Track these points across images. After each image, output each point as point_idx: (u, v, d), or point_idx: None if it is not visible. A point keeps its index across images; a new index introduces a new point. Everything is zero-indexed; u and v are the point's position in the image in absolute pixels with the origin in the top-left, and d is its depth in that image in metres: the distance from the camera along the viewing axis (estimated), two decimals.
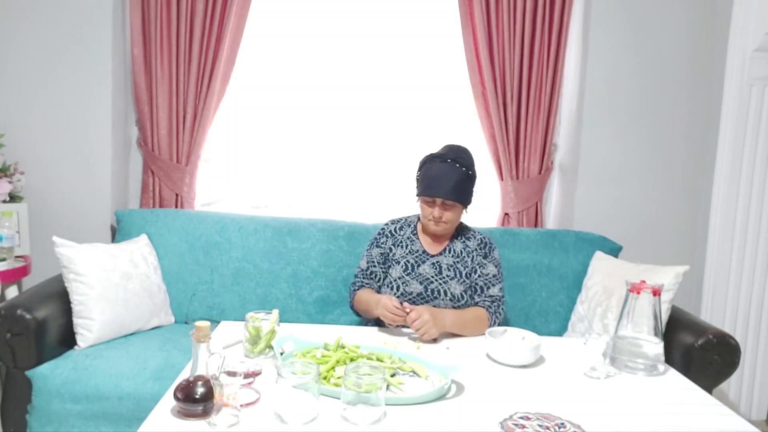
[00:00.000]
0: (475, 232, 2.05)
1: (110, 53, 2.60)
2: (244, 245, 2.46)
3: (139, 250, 2.27)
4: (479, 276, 1.96)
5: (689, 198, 2.83)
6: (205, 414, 1.20)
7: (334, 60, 2.88)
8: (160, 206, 2.75)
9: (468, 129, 2.91)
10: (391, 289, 1.95)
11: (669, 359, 1.74)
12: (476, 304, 1.94)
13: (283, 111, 2.90)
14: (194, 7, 2.60)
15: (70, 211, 2.65)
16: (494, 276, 1.97)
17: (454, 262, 1.97)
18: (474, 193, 1.97)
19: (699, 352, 1.95)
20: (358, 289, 2.01)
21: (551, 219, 2.97)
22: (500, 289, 1.96)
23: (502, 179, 2.83)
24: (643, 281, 1.67)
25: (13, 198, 2.49)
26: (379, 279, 2.02)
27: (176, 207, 2.74)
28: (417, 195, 1.97)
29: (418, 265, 1.97)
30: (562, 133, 2.92)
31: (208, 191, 2.91)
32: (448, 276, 1.95)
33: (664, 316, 2.07)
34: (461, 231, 2.04)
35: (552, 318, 2.46)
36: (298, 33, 2.84)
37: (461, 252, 1.99)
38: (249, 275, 2.43)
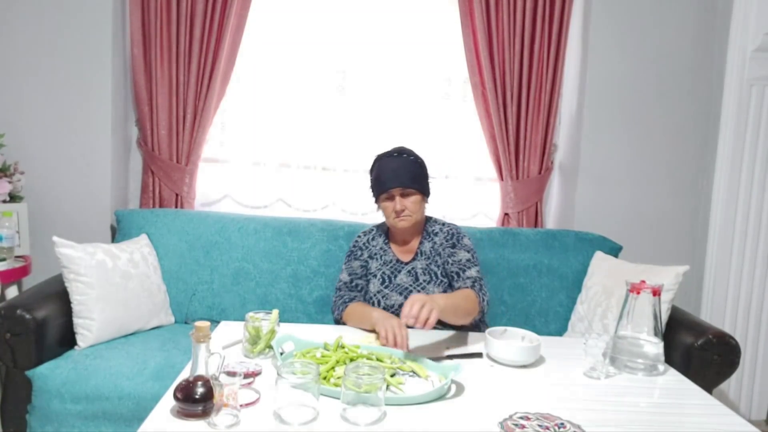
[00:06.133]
0: (442, 225, 2.01)
1: (110, 53, 2.60)
2: (244, 245, 2.46)
3: (139, 250, 2.27)
4: (452, 264, 1.91)
5: (689, 198, 2.83)
6: (204, 414, 1.20)
7: (333, 59, 2.88)
8: (160, 206, 2.75)
9: (468, 129, 2.91)
10: (372, 304, 1.94)
11: (669, 359, 1.74)
12: (458, 288, 1.88)
13: (283, 109, 2.89)
14: (194, 7, 2.60)
15: (70, 211, 2.65)
16: (468, 260, 1.91)
17: (427, 265, 1.94)
18: (430, 184, 1.96)
19: (699, 352, 1.95)
20: (349, 301, 1.97)
21: (551, 219, 2.97)
22: (477, 271, 1.90)
23: (502, 179, 2.83)
24: (643, 281, 1.67)
25: (13, 198, 2.49)
26: (363, 291, 2.00)
27: (176, 207, 2.74)
28: (375, 199, 1.95)
29: (395, 276, 1.95)
30: (562, 133, 2.92)
31: (212, 189, 2.90)
32: (425, 281, 1.92)
33: (664, 316, 2.07)
34: (427, 229, 2.00)
35: (552, 318, 2.46)
36: (297, 32, 2.84)
37: (431, 252, 1.96)
38: (249, 275, 2.43)
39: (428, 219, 2.05)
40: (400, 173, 1.88)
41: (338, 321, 1.99)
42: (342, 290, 2.02)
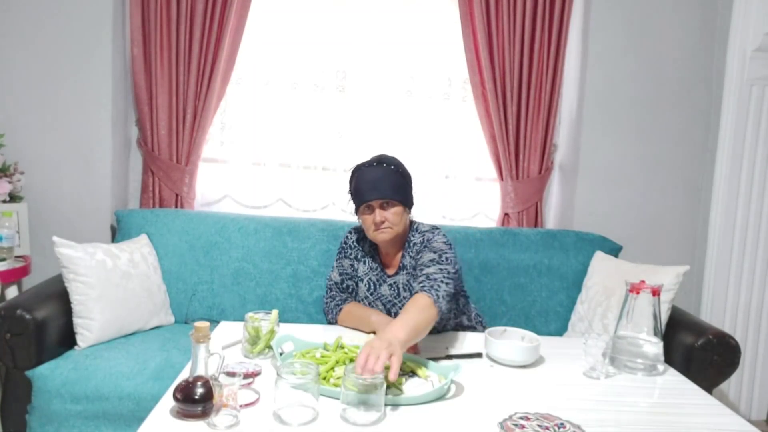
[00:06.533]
0: (421, 234, 1.87)
1: (110, 53, 2.60)
2: (244, 245, 2.46)
3: (139, 250, 2.27)
4: (417, 267, 1.78)
5: (689, 198, 2.83)
6: (204, 414, 1.20)
7: (333, 59, 2.88)
8: (160, 206, 2.75)
9: (468, 129, 2.91)
10: None
11: (669, 359, 1.74)
12: (414, 292, 1.69)
13: (283, 109, 2.89)
14: (194, 7, 2.60)
15: (70, 211, 2.65)
16: (431, 260, 1.74)
17: (407, 280, 1.89)
18: (413, 195, 1.88)
19: (699, 352, 1.95)
20: (342, 303, 1.94)
21: (551, 219, 2.97)
22: (440, 269, 1.70)
23: (502, 179, 2.83)
24: (643, 281, 1.67)
25: (13, 198, 2.49)
26: (353, 292, 1.97)
27: (176, 207, 2.74)
28: (356, 211, 1.88)
29: (379, 285, 1.92)
30: (562, 133, 2.92)
31: (212, 189, 2.90)
32: (404, 297, 1.88)
33: (664, 316, 2.07)
34: (409, 240, 1.89)
35: (552, 318, 2.46)
36: (297, 32, 2.84)
37: (409, 266, 1.89)
38: (249, 275, 2.43)
39: (411, 226, 1.93)
40: (379, 184, 1.79)
41: (331, 323, 1.97)
42: (333, 290, 1.99)
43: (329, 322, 1.98)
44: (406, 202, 1.85)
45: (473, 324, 2.03)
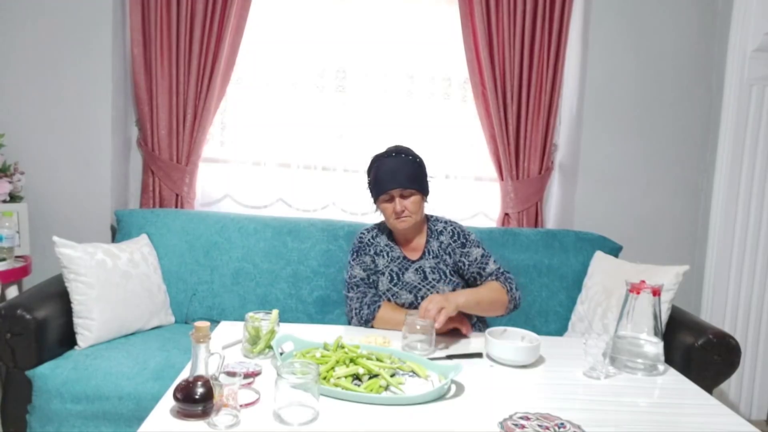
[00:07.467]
0: (445, 224, 1.99)
1: (110, 53, 2.60)
2: (244, 245, 2.46)
3: (139, 250, 2.27)
4: (469, 265, 1.92)
5: (689, 198, 2.83)
6: (204, 414, 1.20)
7: (333, 59, 2.88)
8: (160, 206, 2.75)
9: (468, 129, 2.91)
10: None
11: (669, 359, 1.73)
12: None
13: (283, 109, 2.89)
14: (194, 7, 2.60)
15: (70, 211, 2.65)
16: (483, 256, 1.93)
17: (435, 264, 1.92)
18: (429, 182, 1.95)
19: (699, 352, 1.95)
20: (378, 300, 1.88)
21: (551, 219, 2.97)
22: (494, 262, 1.93)
23: (502, 179, 2.83)
24: (643, 281, 1.67)
25: (13, 198, 2.49)
26: (377, 287, 1.97)
27: (176, 207, 2.74)
28: (374, 201, 1.93)
29: (403, 273, 1.93)
30: (562, 133, 2.92)
31: (212, 189, 2.90)
32: (434, 279, 1.91)
33: (664, 316, 2.07)
34: (431, 228, 1.98)
35: (552, 318, 2.46)
36: (297, 32, 2.84)
37: (438, 250, 1.94)
38: (249, 275, 2.43)
39: (429, 217, 2.03)
40: (398, 174, 1.86)
41: (366, 321, 1.86)
42: (360, 286, 1.92)
43: (363, 321, 1.87)
44: (423, 190, 1.92)
45: (474, 323, 2.03)
